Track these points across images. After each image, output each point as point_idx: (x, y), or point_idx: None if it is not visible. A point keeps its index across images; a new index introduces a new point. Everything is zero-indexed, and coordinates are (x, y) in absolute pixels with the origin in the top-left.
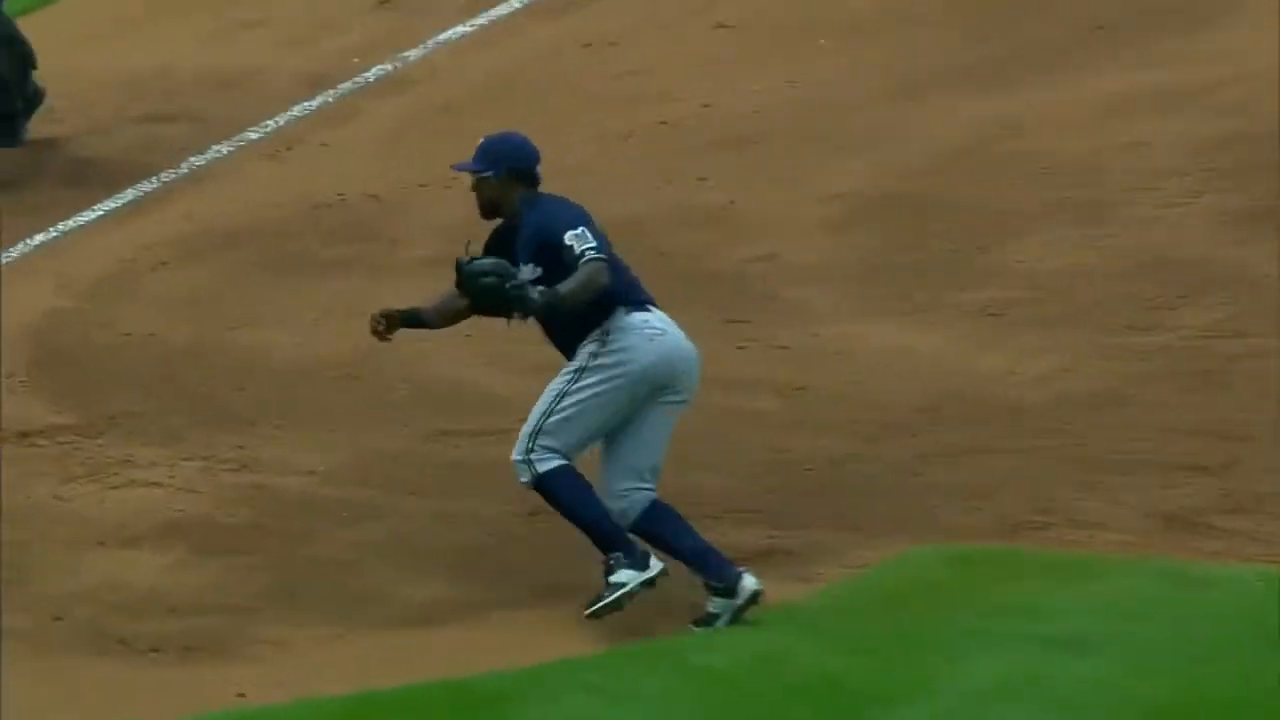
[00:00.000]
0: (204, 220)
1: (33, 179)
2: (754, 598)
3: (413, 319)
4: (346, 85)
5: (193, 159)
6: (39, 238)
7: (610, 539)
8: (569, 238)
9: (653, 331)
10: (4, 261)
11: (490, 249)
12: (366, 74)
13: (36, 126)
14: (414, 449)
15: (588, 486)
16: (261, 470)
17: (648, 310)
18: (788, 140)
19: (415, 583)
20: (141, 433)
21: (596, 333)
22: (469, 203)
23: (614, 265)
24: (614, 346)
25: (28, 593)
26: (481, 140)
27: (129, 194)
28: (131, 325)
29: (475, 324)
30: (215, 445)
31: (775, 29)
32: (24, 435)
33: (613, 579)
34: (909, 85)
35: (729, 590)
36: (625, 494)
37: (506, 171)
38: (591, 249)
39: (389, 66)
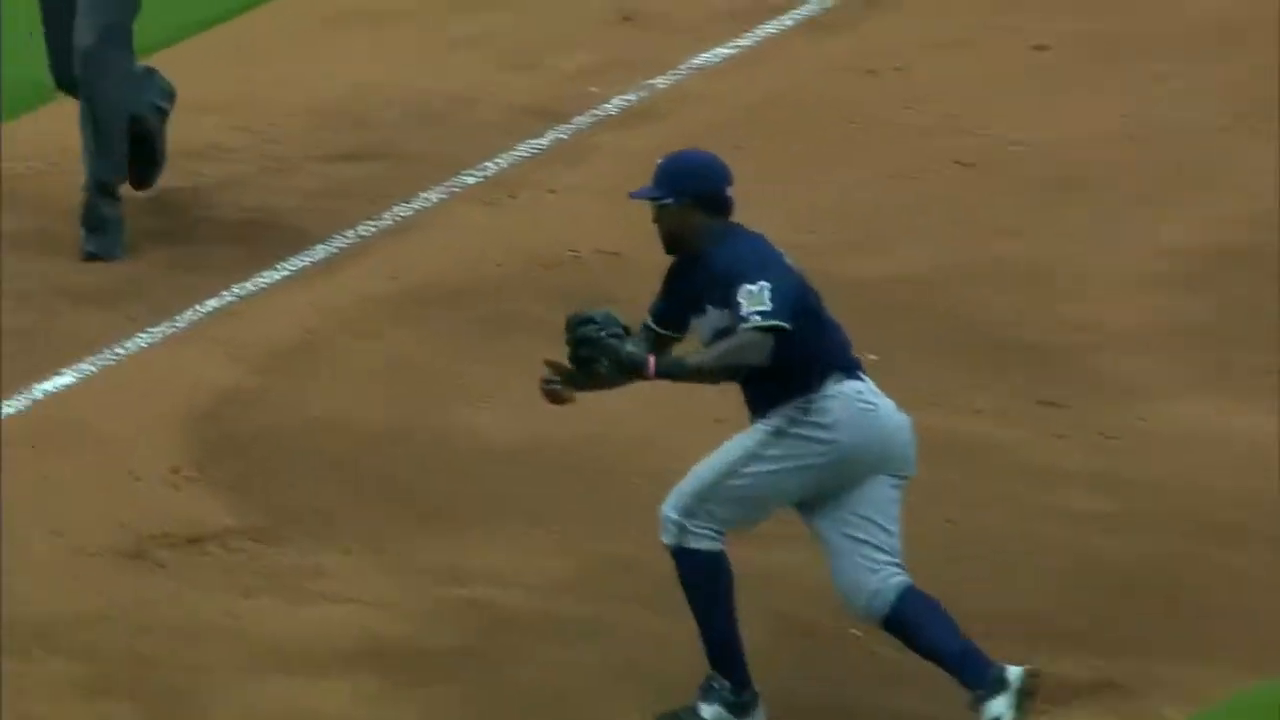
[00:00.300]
0: (408, 280)
1: (203, 230)
2: (1030, 679)
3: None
4: (582, 118)
5: (395, 206)
6: (211, 302)
7: (728, 660)
8: (743, 293)
9: (865, 405)
10: (169, 330)
11: (668, 286)
12: (606, 104)
13: (208, 169)
14: (648, 555)
15: (730, 585)
16: (472, 582)
17: (860, 380)
18: (1116, 184)
19: (649, 715)
20: (331, 537)
21: (799, 399)
22: None
23: (823, 325)
24: (821, 419)
25: None
26: (659, 161)
27: (318, 249)
28: (320, 406)
29: (727, 406)
30: (418, 551)
31: (1101, 51)
32: (192, 541)
33: (702, 708)
34: (1264, 116)
35: (999, 684)
36: (876, 569)
37: (690, 198)
38: (760, 314)
39: (632, 96)
